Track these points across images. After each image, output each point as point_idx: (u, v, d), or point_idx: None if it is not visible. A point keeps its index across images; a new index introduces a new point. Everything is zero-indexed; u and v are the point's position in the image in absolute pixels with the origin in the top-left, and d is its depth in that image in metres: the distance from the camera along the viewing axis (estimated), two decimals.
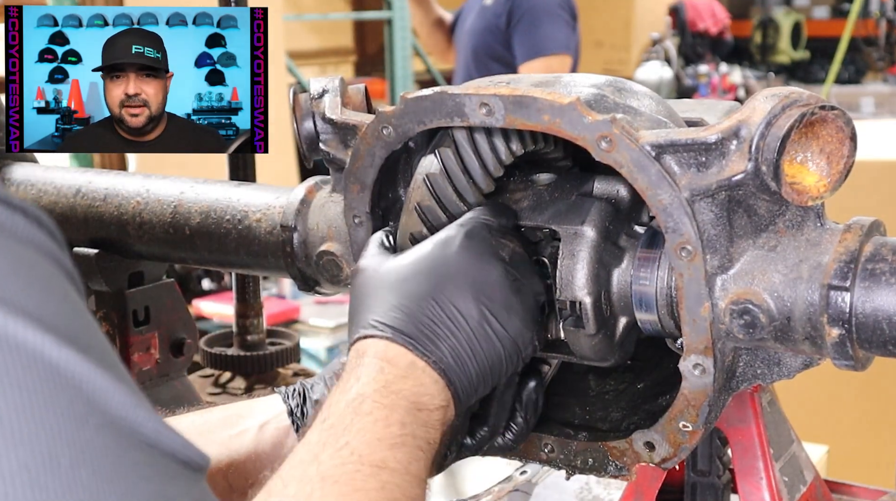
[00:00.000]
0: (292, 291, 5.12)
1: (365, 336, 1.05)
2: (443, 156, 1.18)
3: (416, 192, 1.19)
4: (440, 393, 1.02)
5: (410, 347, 1.03)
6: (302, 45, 8.34)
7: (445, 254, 1.10)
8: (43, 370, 0.61)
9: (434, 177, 1.18)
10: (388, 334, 1.04)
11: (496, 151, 1.18)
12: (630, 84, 1.19)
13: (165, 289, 1.75)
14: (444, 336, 1.04)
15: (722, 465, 1.30)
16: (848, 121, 1.05)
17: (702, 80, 10.87)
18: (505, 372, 1.09)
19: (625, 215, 1.18)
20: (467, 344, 1.05)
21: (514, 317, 1.09)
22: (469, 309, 1.06)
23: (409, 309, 1.05)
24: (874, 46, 12.69)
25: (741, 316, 1.07)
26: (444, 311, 1.05)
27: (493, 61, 4.68)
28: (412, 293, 1.07)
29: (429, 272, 1.08)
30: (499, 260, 1.10)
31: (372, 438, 0.93)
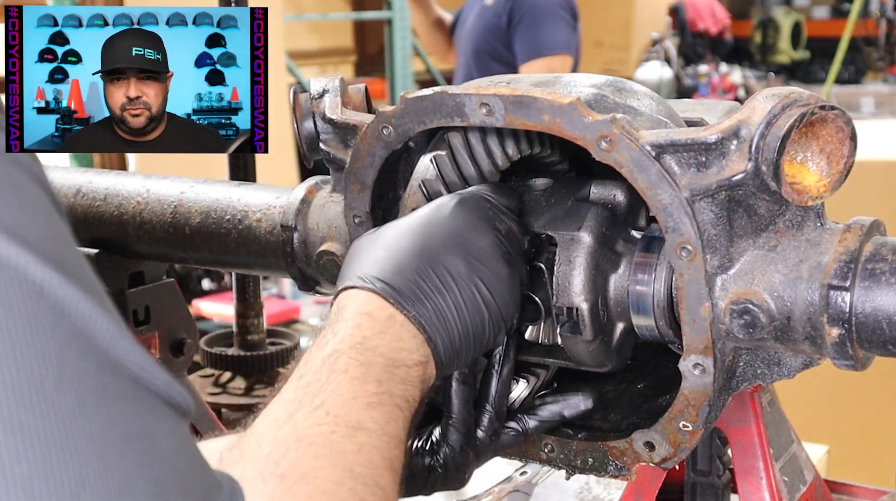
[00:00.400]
0: (292, 291, 5.12)
1: (347, 287, 1.04)
2: (438, 161, 1.18)
3: (411, 198, 1.19)
4: (418, 348, 1.00)
5: (392, 300, 1.01)
6: (302, 45, 8.34)
7: (438, 215, 1.09)
8: (26, 289, 0.60)
9: (429, 183, 1.18)
10: (370, 286, 1.02)
11: (492, 155, 1.17)
12: (630, 84, 1.20)
13: (165, 289, 1.75)
14: (428, 292, 1.02)
15: (722, 465, 1.30)
16: (848, 120, 1.05)
17: (702, 80, 10.88)
18: (487, 342, 1.08)
19: (622, 220, 1.18)
20: (453, 303, 1.03)
21: (503, 287, 1.07)
22: (458, 268, 1.05)
23: (396, 263, 1.04)
24: (874, 46, 12.69)
25: (741, 315, 1.07)
26: (431, 268, 1.04)
27: (494, 61, 4.68)
28: (400, 248, 1.05)
29: (419, 229, 1.07)
30: (493, 229, 1.09)
31: (348, 397, 0.91)
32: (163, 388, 0.68)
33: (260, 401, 2.06)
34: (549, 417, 1.19)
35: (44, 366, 0.59)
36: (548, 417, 1.19)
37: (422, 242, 1.06)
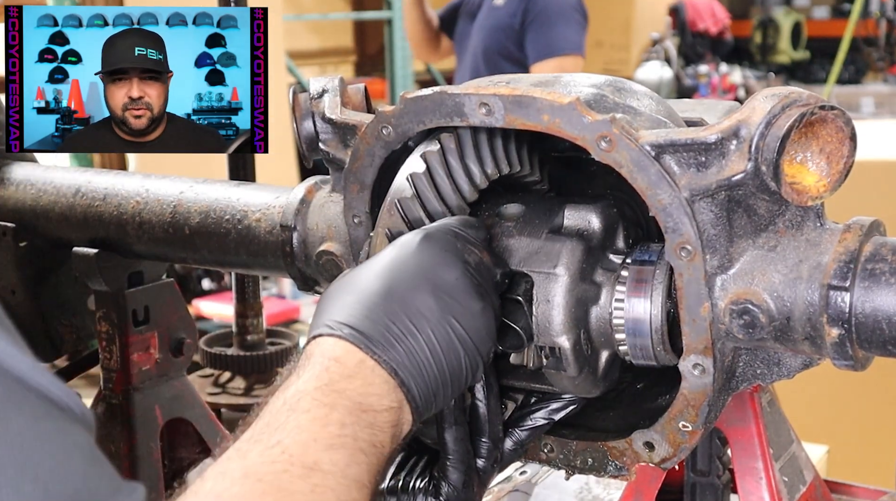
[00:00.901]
0: (292, 291, 5.12)
1: (315, 335, 1.00)
2: (415, 180, 1.15)
3: (385, 217, 1.17)
4: (389, 393, 0.96)
5: (361, 345, 0.97)
6: (302, 45, 8.34)
7: (405, 253, 1.06)
8: None
9: (405, 202, 1.15)
10: (338, 332, 0.98)
11: (470, 174, 1.15)
12: (630, 84, 1.19)
13: (165, 289, 1.75)
14: (399, 335, 0.99)
15: (722, 465, 1.30)
16: (848, 121, 1.05)
17: (702, 80, 10.87)
18: (466, 379, 1.04)
19: (598, 248, 1.16)
20: (426, 344, 0.99)
21: (476, 322, 1.03)
22: (429, 306, 1.01)
23: (364, 307, 1.00)
24: (874, 46, 12.68)
25: (741, 316, 1.07)
26: (401, 309, 1.00)
27: (504, 60, 4.70)
28: (368, 291, 1.02)
29: (386, 270, 1.04)
30: (462, 262, 1.06)
31: (307, 438, 0.88)
32: (48, 388, 0.65)
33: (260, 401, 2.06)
34: (539, 424, 1.19)
35: None
36: (538, 424, 1.19)
37: (389, 283, 1.02)
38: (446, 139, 1.15)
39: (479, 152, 1.15)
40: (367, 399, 0.94)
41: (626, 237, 1.18)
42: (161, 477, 1.75)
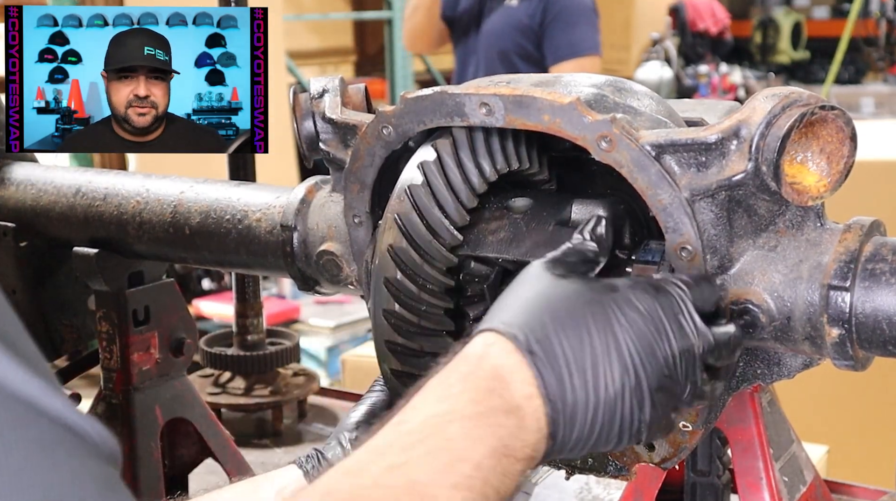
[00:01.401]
0: (292, 291, 5.13)
1: (497, 331, 0.91)
2: (425, 168, 1.15)
3: (396, 204, 1.16)
4: (536, 444, 0.88)
5: (538, 377, 0.88)
6: (302, 45, 8.34)
7: (627, 301, 0.95)
8: None
9: (415, 189, 1.15)
10: (536, 362, 0.89)
11: (480, 167, 1.16)
12: (630, 84, 1.19)
13: (165, 289, 1.75)
14: (579, 387, 0.90)
15: (722, 465, 1.30)
16: (848, 121, 1.05)
17: (702, 80, 10.86)
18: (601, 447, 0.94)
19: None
20: (601, 415, 0.90)
21: (654, 416, 0.94)
22: (626, 383, 0.91)
23: (563, 333, 0.91)
24: (874, 46, 12.68)
25: (741, 315, 1.07)
26: (598, 361, 0.91)
27: (522, 61, 4.71)
28: (576, 318, 0.92)
29: (605, 309, 0.94)
30: (677, 345, 0.96)
31: (437, 468, 0.80)
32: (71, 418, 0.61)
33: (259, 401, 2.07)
34: None
35: None
36: None
37: (605, 324, 0.92)
38: (458, 132, 1.16)
39: (490, 146, 1.16)
40: (513, 442, 0.86)
41: (632, 234, 1.18)
42: (161, 477, 1.75)
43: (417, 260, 1.15)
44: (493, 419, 0.85)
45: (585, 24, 4.71)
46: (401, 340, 1.16)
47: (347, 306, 5.07)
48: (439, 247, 1.15)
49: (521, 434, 0.86)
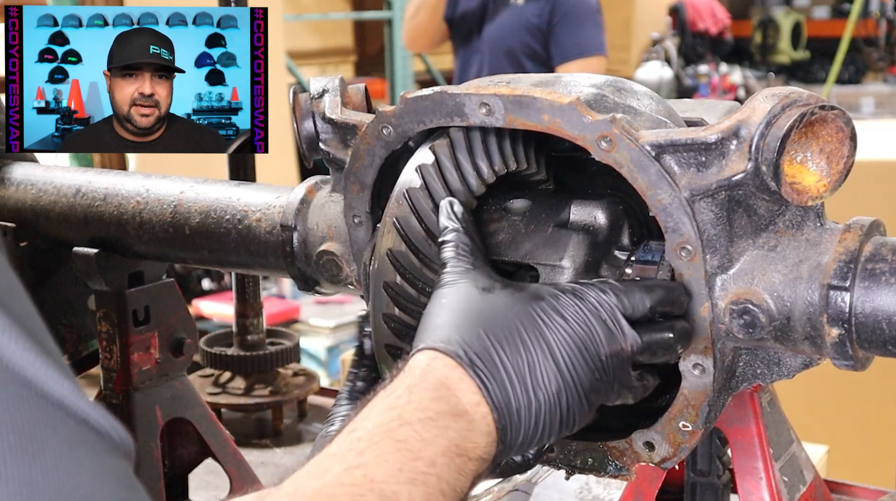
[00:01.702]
0: (292, 291, 5.12)
1: (437, 349, 0.95)
2: (423, 171, 1.15)
3: (394, 208, 1.16)
4: (488, 446, 0.93)
5: (482, 386, 0.93)
6: (302, 45, 8.34)
7: (554, 309, 1.00)
8: None
9: (413, 193, 1.15)
10: (463, 358, 0.94)
11: (479, 169, 1.16)
12: (630, 84, 1.19)
13: (165, 289, 1.75)
14: (521, 392, 0.95)
15: (722, 465, 1.30)
16: (848, 120, 1.05)
17: (702, 80, 10.87)
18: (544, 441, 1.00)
19: (604, 242, 1.16)
20: (544, 412, 0.96)
21: (591, 406, 1.00)
22: (565, 380, 0.97)
23: (497, 340, 0.96)
24: (874, 46, 12.68)
25: (741, 315, 1.07)
26: (535, 365, 0.96)
27: (529, 60, 4.73)
28: (507, 325, 0.98)
29: (532, 316, 0.99)
30: (604, 351, 1.01)
31: (393, 467, 0.84)
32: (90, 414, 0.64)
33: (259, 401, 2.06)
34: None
35: None
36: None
37: (535, 330, 0.98)
38: (455, 133, 1.16)
39: (488, 148, 1.16)
40: (464, 443, 0.90)
41: (631, 235, 1.18)
42: (161, 477, 1.75)
43: (416, 263, 1.14)
44: (441, 422, 0.90)
45: (592, 25, 4.74)
46: (400, 344, 1.16)
47: (347, 306, 5.07)
48: (437, 250, 1.14)
49: (472, 435, 0.91)
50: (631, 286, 1.06)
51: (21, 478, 0.58)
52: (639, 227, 1.21)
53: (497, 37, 4.82)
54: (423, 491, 0.85)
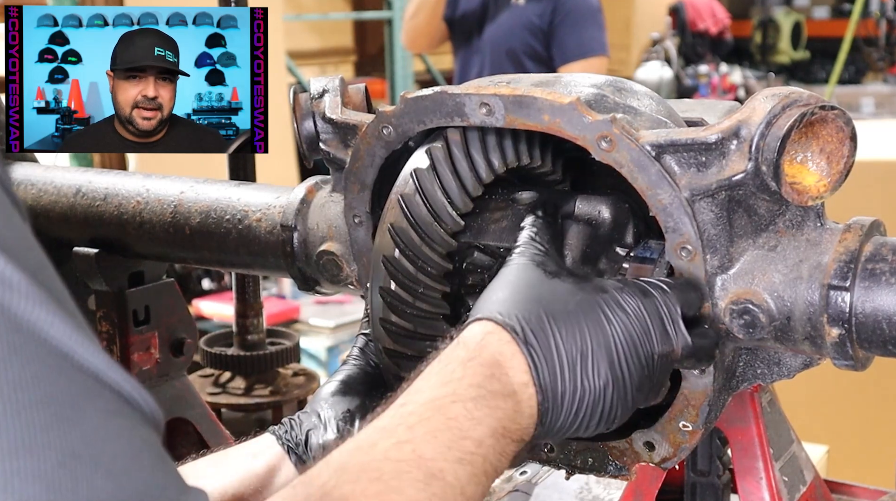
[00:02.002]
0: (292, 291, 5.12)
1: (509, 327, 0.95)
2: (418, 175, 1.15)
3: (390, 212, 1.17)
4: (527, 428, 0.94)
5: (532, 367, 0.94)
6: (302, 45, 8.34)
7: (621, 307, 1.00)
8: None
9: (408, 197, 1.16)
10: (521, 336, 0.94)
11: (476, 169, 1.16)
12: (630, 84, 1.19)
13: (165, 289, 1.75)
14: (569, 380, 0.95)
15: (722, 465, 1.30)
16: (848, 120, 1.05)
17: (702, 80, 10.87)
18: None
19: (605, 238, 1.16)
20: (588, 403, 0.96)
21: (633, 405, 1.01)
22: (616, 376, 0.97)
23: (558, 326, 0.96)
24: (874, 46, 12.67)
25: (741, 315, 1.07)
26: (589, 358, 0.96)
27: (530, 60, 4.73)
28: (572, 311, 0.98)
29: (597, 308, 0.99)
30: (658, 348, 1.01)
31: (442, 444, 0.85)
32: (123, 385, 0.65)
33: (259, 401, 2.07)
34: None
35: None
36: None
37: (597, 322, 0.98)
38: (451, 134, 1.16)
39: (486, 147, 1.16)
40: (510, 424, 0.91)
41: (635, 233, 1.18)
42: None
43: (417, 240, 1.15)
44: (492, 402, 0.90)
45: (594, 25, 4.74)
46: (395, 319, 1.16)
47: (347, 306, 5.07)
48: (439, 230, 1.15)
49: (517, 417, 0.92)
50: (686, 285, 1.06)
51: (64, 448, 0.59)
52: (645, 227, 1.21)
53: (498, 37, 4.82)
54: (468, 471, 0.85)
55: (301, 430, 1.20)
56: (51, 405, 0.60)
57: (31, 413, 0.58)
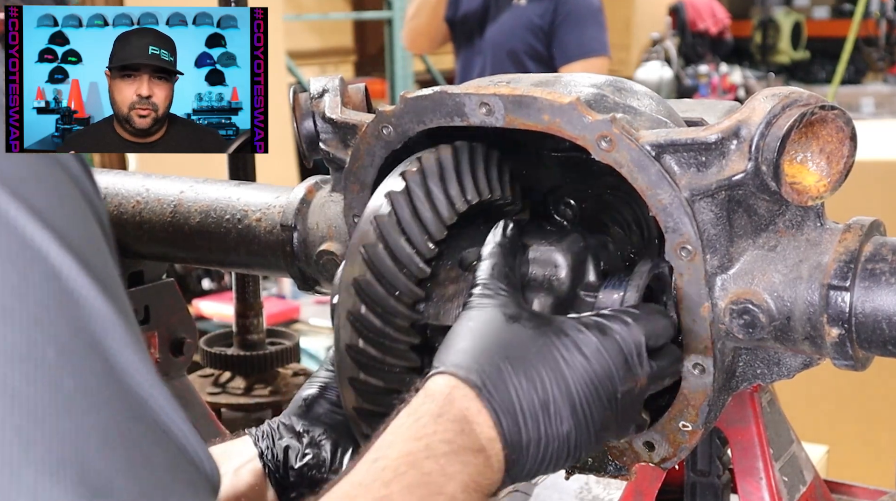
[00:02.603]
0: (292, 291, 5.12)
1: (458, 376, 0.96)
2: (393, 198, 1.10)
3: (361, 234, 1.10)
4: (496, 480, 0.95)
5: (498, 424, 0.95)
6: (302, 45, 8.34)
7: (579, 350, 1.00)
8: (38, 266, 0.60)
9: (381, 219, 1.10)
10: (484, 391, 0.95)
11: (450, 198, 1.11)
12: (630, 84, 1.20)
13: (165, 289, 1.75)
14: (533, 429, 0.96)
15: (722, 465, 1.30)
16: (848, 120, 1.05)
17: (702, 80, 10.87)
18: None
19: (568, 294, 1.12)
20: (554, 449, 0.98)
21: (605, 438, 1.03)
22: (580, 420, 0.98)
23: (517, 385, 0.96)
24: (874, 46, 12.67)
25: (741, 315, 1.07)
26: (552, 407, 0.97)
27: (532, 60, 4.74)
28: (530, 359, 0.98)
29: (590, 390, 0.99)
30: (620, 388, 1.01)
31: (417, 499, 0.87)
32: (188, 443, 0.67)
33: (259, 401, 2.07)
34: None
35: (44, 338, 0.59)
36: None
37: (582, 409, 0.98)
38: (427, 161, 1.12)
39: (460, 176, 1.12)
40: (480, 479, 0.93)
41: (597, 267, 1.15)
42: None
43: (383, 293, 1.08)
44: (463, 457, 0.92)
45: (595, 25, 4.75)
46: (363, 377, 1.10)
47: None
48: (406, 281, 1.09)
49: (487, 472, 0.93)
50: (654, 315, 1.06)
51: (134, 492, 0.61)
52: (611, 258, 1.18)
53: (499, 37, 4.82)
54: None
55: (279, 448, 1.22)
56: (124, 448, 0.62)
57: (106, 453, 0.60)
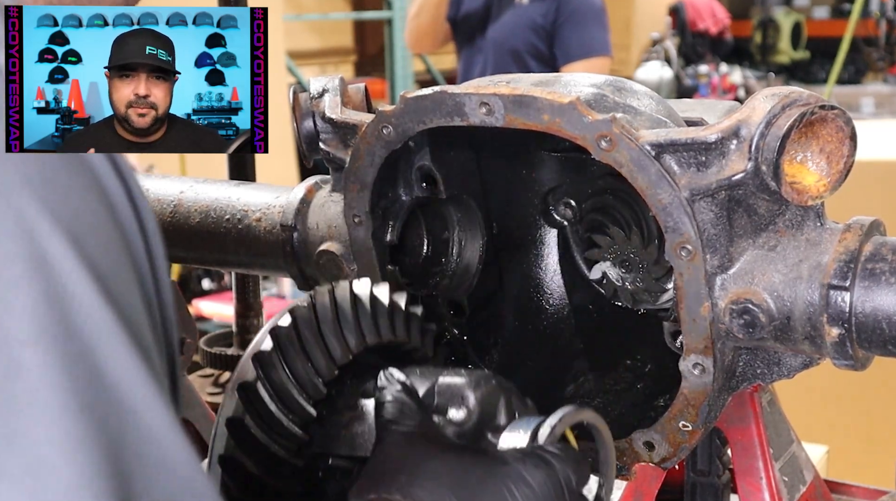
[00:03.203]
0: (292, 291, 5.12)
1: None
2: (261, 359, 1.02)
3: (227, 405, 1.03)
4: None
5: None
6: (302, 45, 8.34)
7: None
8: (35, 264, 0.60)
9: (247, 386, 1.02)
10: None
11: (330, 351, 1.01)
12: (630, 84, 1.20)
13: None
14: None
15: (722, 465, 1.30)
16: (848, 120, 1.05)
17: (702, 80, 10.87)
18: None
19: (476, 433, 1.01)
20: None
21: None
22: None
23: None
24: (874, 46, 12.68)
25: (741, 315, 1.07)
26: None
27: (534, 60, 4.74)
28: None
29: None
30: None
31: None
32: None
33: None
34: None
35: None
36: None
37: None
38: (320, 299, 1.04)
39: (358, 318, 1.03)
40: None
41: (508, 410, 1.03)
42: None
43: (263, 438, 1.00)
44: None
45: (597, 25, 4.75)
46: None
47: None
48: (290, 425, 1.00)
49: None
50: (584, 461, 1.02)
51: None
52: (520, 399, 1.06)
53: (501, 37, 4.83)
54: None
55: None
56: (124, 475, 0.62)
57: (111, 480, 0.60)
